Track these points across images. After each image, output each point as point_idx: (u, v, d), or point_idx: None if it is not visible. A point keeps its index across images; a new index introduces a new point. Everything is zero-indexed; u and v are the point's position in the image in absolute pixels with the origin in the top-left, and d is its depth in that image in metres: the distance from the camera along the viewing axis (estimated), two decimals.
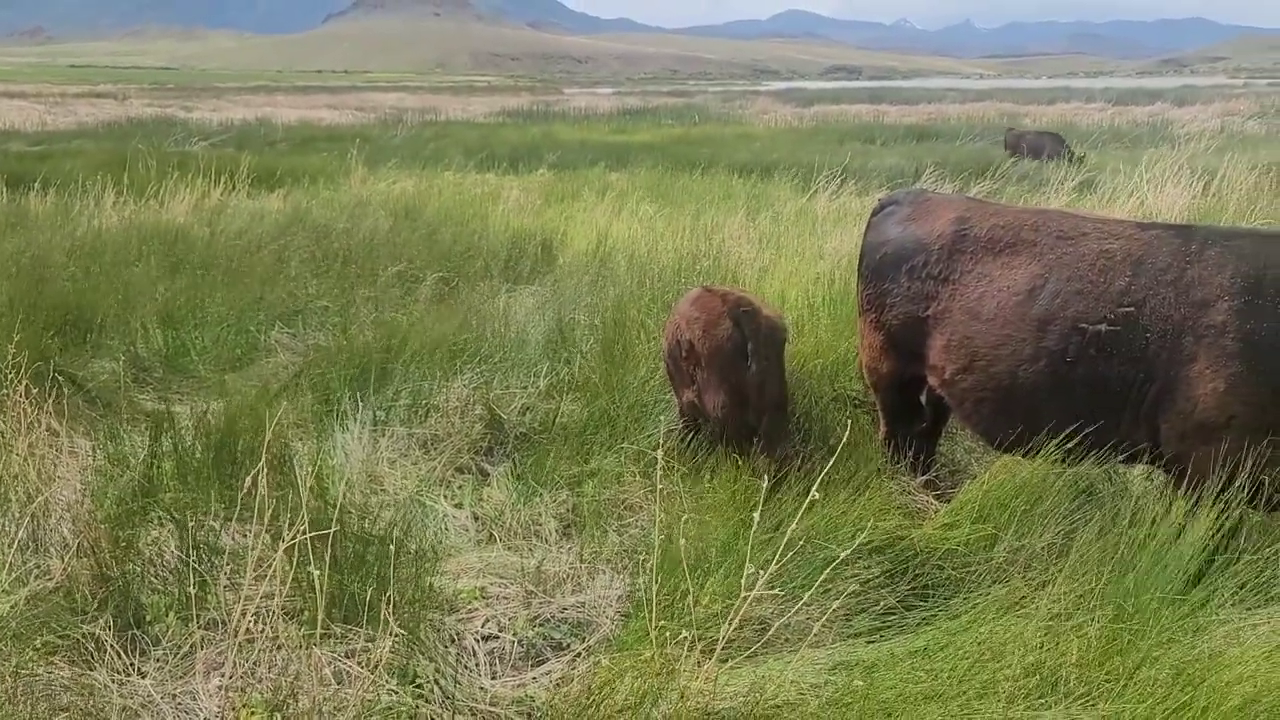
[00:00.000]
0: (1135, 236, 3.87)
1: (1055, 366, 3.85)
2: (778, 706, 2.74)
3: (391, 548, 3.33)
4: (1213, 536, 3.52)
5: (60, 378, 5.15)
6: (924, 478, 4.61)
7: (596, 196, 12.83)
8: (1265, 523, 3.88)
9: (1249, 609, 3.47)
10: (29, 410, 4.21)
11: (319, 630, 2.95)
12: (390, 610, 2.99)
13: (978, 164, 15.97)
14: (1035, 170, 16.06)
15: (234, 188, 12.32)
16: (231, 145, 20.86)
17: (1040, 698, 2.84)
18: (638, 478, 4.60)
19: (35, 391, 4.27)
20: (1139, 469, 4.27)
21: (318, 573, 2.86)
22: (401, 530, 3.99)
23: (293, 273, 8.22)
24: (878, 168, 16.50)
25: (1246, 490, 3.53)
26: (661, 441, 4.45)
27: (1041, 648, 3.01)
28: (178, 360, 6.29)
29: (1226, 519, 3.54)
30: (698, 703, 2.77)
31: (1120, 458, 3.90)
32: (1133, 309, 3.71)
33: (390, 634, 3.02)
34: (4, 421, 4.23)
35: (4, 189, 11.70)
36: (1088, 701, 2.80)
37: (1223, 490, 3.53)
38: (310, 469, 4.26)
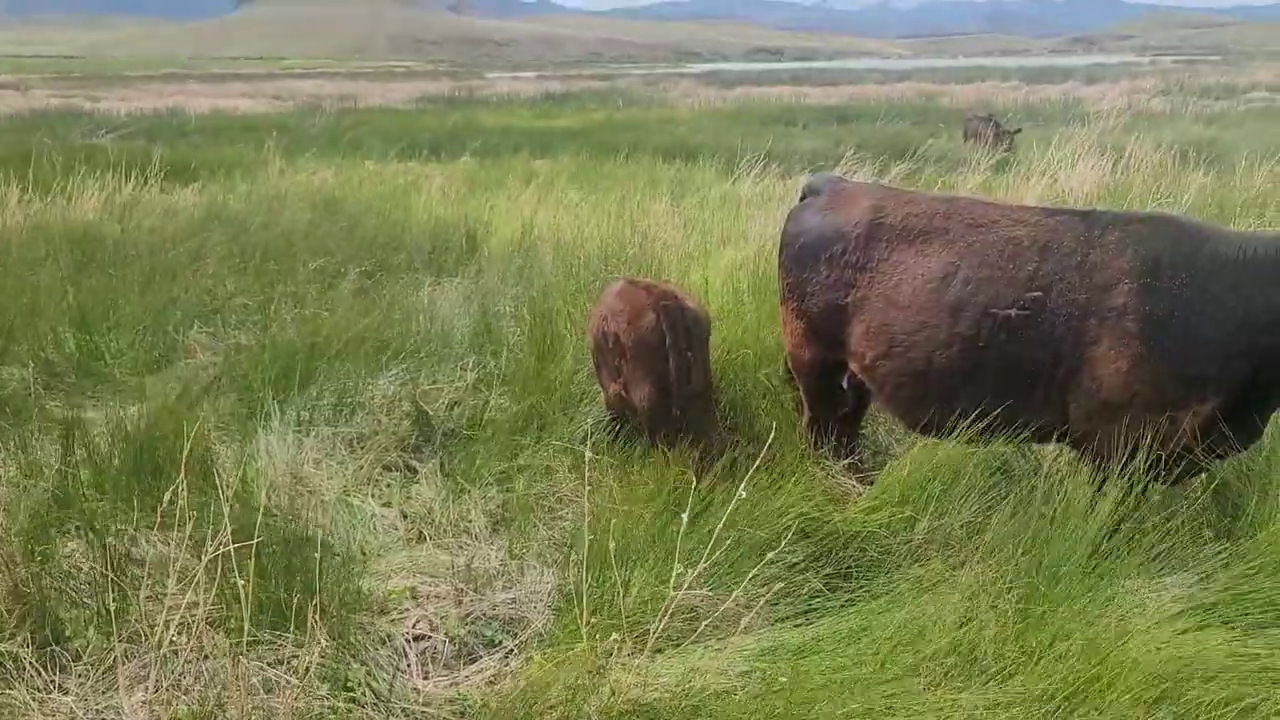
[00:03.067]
0: (1041, 223, 4.01)
1: (969, 351, 3.97)
2: (705, 699, 2.80)
3: (316, 553, 3.28)
4: (1119, 510, 3.68)
5: None
6: (846, 461, 4.71)
7: (521, 184, 12.76)
8: (1168, 495, 4.06)
9: (1154, 578, 3.64)
10: None
11: (245, 639, 2.93)
12: (318, 615, 2.97)
13: (897, 145, 16.26)
14: (952, 151, 16.43)
15: (145, 182, 11.94)
16: (141, 137, 20.20)
17: (960, 676, 2.94)
18: (568, 471, 4.62)
19: None
20: (1050, 447, 4.43)
21: (242, 581, 2.83)
22: (328, 532, 3.96)
23: (210, 270, 8.02)
24: (800, 150, 16.67)
25: (1149, 464, 3.69)
26: (589, 435, 4.49)
27: (960, 626, 3.12)
28: (91, 364, 6.11)
29: (1132, 493, 3.70)
30: (629, 696, 2.82)
31: (1032, 436, 4.04)
32: (1041, 293, 3.84)
33: (319, 639, 3.00)
34: None
35: None
36: (1004, 677, 2.91)
37: (1126, 465, 3.68)
38: (234, 473, 4.19)
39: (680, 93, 43.91)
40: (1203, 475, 4.08)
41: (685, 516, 2.83)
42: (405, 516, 4.42)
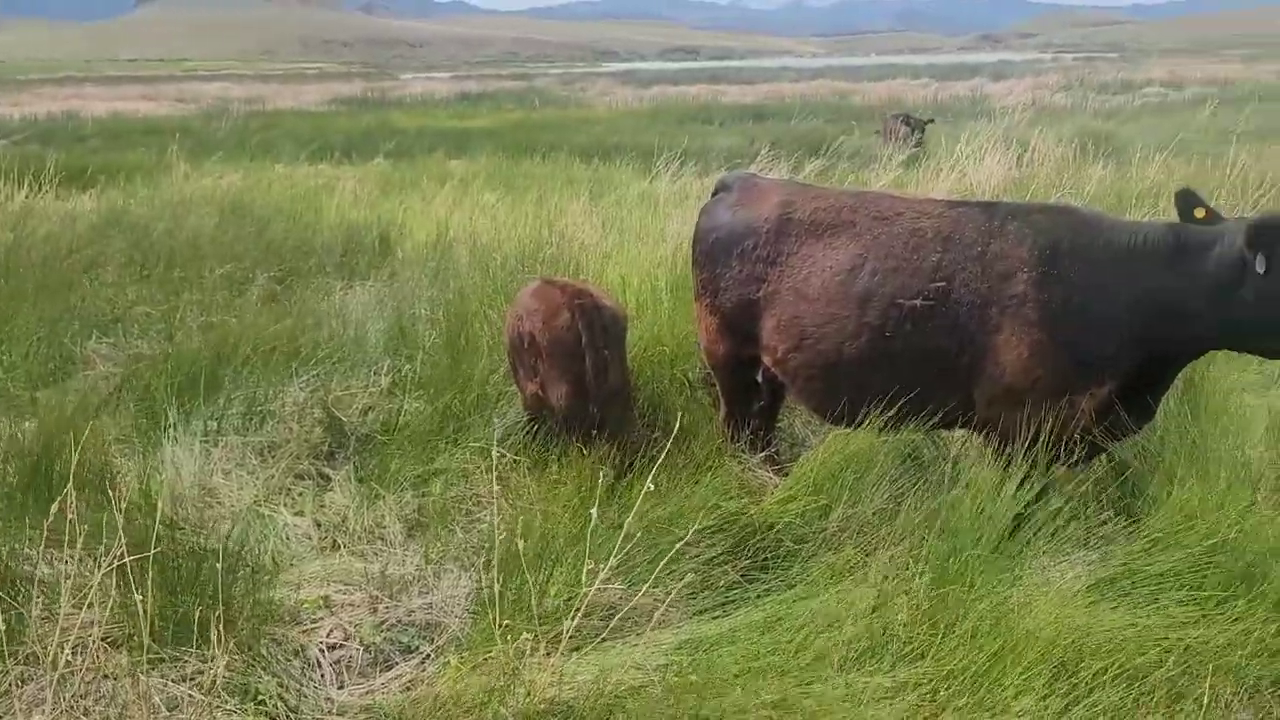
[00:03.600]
0: (945, 215, 4.10)
1: (876, 341, 4.04)
2: (621, 694, 2.80)
3: (219, 564, 3.18)
4: (1025, 492, 3.78)
5: None
6: (763, 454, 4.76)
7: (436, 185, 12.60)
8: (1073, 476, 4.19)
9: (1060, 556, 3.75)
10: None
11: (146, 656, 2.83)
12: (223, 628, 2.89)
13: (811, 142, 16.51)
14: (865, 148, 16.75)
15: (40, 189, 11.48)
16: (35, 142, 19.44)
17: (872, 659, 2.99)
18: (485, 473, 4.57)
19: None
20: (958, 433, 4.53)
21: (140, 597, 2.73)
22: (237, 543, 3.85)
23: (110, 278, 7.75)
24: (717, 148, 16.82)
25: (1051, 447, 3.80)
26: (499, 438, 4.45)
27: (873, 611, 3.17)
28: None
29: (1036, 475, 3.81)
30: (544, 695, 2.80)
31: (939, 423, 4.14)
32: (944, 284, 3.93)
33: (226, 652, 2.91)
34: None
35: None
36: (915, 658, 2.97)
37: (1029, 448, 3.79)
38: (134, 486, 4.05)
39: (597, 92, 43.94)
40: (1104, 457, 4.22)
41: (594, 513, 2.83)
42: (319, 525, 4.32)
